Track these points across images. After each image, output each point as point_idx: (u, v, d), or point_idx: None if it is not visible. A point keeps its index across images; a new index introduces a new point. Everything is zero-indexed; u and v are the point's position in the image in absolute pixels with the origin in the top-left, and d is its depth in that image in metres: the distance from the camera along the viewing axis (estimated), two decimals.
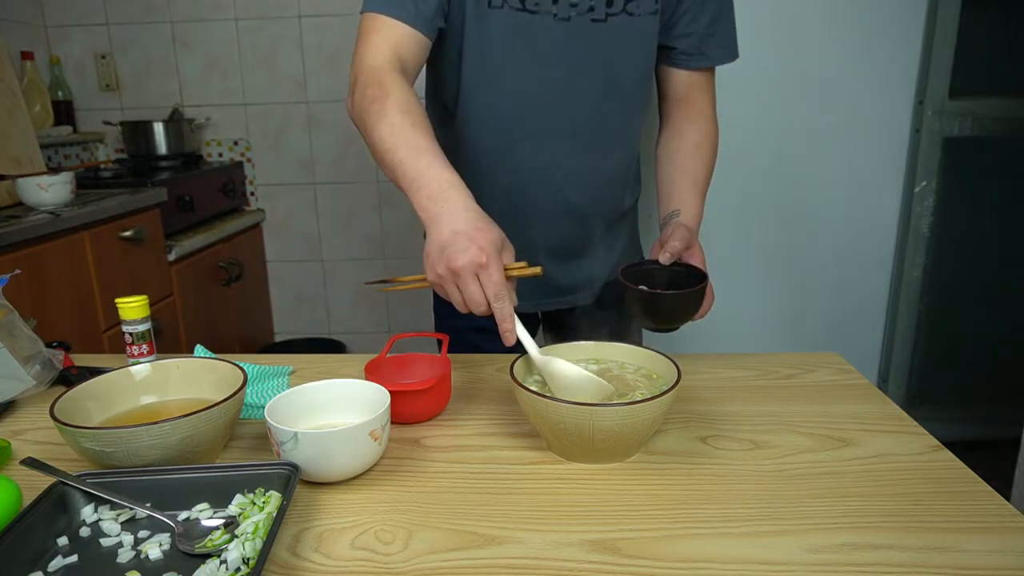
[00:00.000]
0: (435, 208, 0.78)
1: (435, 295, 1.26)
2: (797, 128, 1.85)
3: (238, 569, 0.53)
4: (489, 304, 0.73)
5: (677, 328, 0.95)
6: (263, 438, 0.78)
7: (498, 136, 1.06)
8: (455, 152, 1.11)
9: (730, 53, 1.09)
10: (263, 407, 0.70)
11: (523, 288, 1.14)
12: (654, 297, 0.90)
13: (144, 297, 0.92)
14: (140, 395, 0.78)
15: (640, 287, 0.90)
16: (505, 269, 0.74)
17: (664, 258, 0.94)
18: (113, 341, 1.73)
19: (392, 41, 0.94)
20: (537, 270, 0.77)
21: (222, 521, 0.60)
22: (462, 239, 0.73)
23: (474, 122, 1.06)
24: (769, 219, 1.90)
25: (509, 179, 1.08)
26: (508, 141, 1.06)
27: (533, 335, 1.29)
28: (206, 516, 0.61)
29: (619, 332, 0.97)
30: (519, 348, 0.78)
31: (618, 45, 1.02)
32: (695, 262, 0.97)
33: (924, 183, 1.92)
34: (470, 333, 1.16)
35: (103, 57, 2.45)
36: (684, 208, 1.04)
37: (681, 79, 1.09)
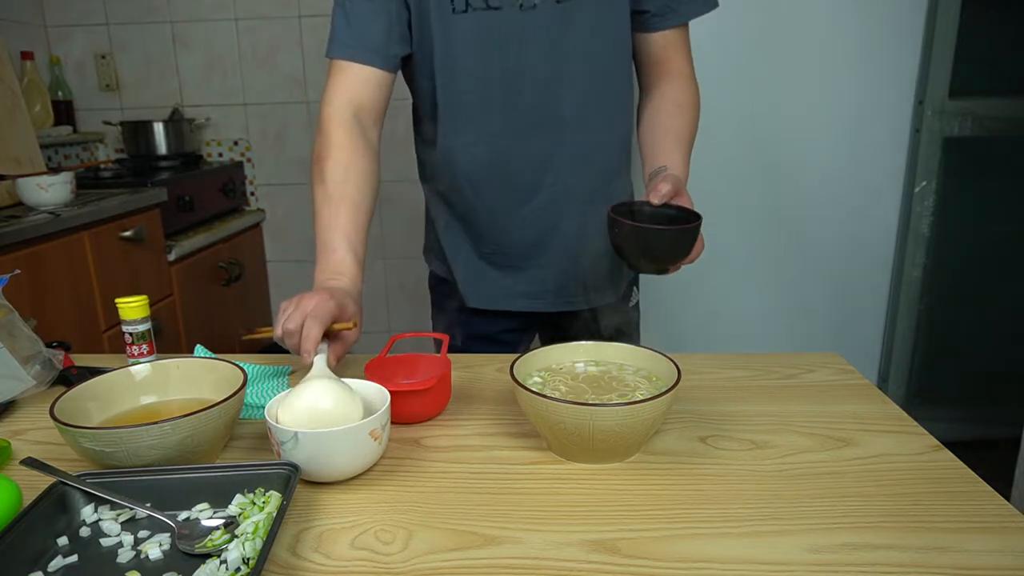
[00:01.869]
0: (315, 282, 0.97)
1: (432, 301, 1.26)
2: (797, 128, 1.85)
3: (238, 569, 0.53)
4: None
5: (667, 271, 0.92)
6: (263, 438, 0.78)
7: (484, 140, 1.06)
8: (445, 160, 1.12)
9: (708, 3, 1.08)
10: (263, 407, 0.70)
11: (522, 287, 1.14)
12: (648, 233, 0.86)
13: (144, 297, 0.92)
14: (140, 395, 0.78)
15: (633, 223, 0.86)
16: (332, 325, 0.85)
17: (655, 197, 0.90)
18: (113, 341, 1.73)
19: (347, 84, 1.02)
20: (348, 325, 0.91)
21: (222, 521, 0.60)
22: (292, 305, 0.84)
23: (459, 132, 1.06)
24: (769, 219, 1.90)
25: (499, 180, 1.08)
26: (494, 144, 1.05)
27: (529, 340, 1.29)
28: (206, 516, 0.61)
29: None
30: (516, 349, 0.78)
31: (590, 21, 1.00)
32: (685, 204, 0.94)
33: (924, 183, 1.92)
34: (467, 341, 1.17)
35: (103, 57, 2.45)
36: (670, 164, 1.01)
37: (656, 42, 1.08)
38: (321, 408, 0.67)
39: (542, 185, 1.08)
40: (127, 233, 1.78)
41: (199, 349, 0.92)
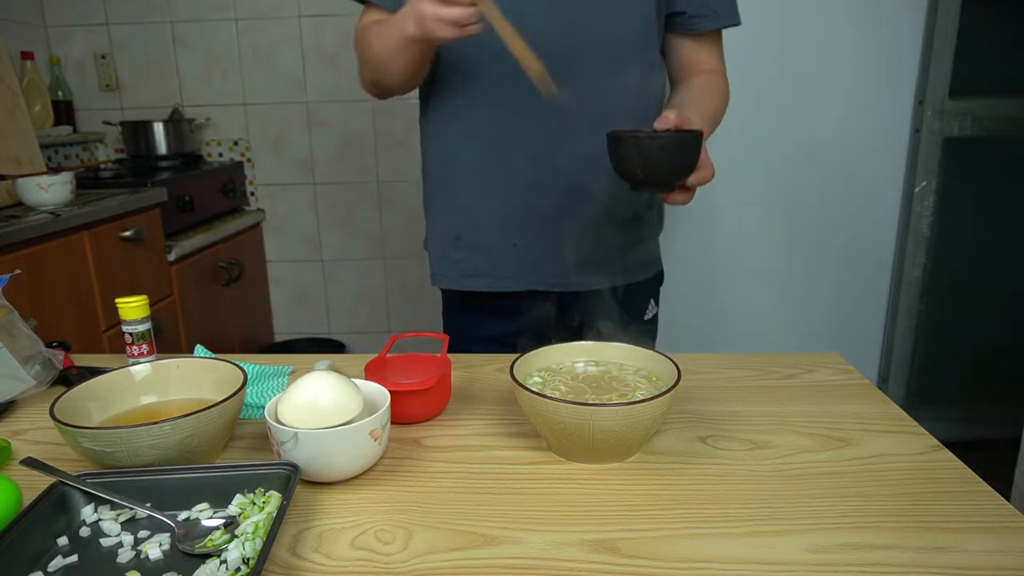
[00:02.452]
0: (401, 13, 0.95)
1: (444, 303, 1.26)
2: (797, 128, 1.85)
3: (238, 569, 0.53)
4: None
5: (670, 186, 0.90)
6: (263, 438, 0.78)
7: (495, 119, 1.07)
8: (460, 140, 1.13)
9: (735, 15, 1.09)
10: (263, 407, 0.70)
11: (542, 266, 1.13)
12: (642, 141, 0.85)
13: (144, 297, 0.92)
14: (140, 395, 0.78)
15: (630, 132, 0.87)
16: None
17: (659, 123, 0.89)
18: (113, 341, 1.73)
19: (372, 20, 1.07)
20: None
21: (222, 521, 0.60)
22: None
23: (473, 107, 1.07)
24: (769, 219, 1.90)
25: (511, 160, 1.09)
26: (503, 122, 1.06)
27: (548, 327, 1.28)
28: (206, 516, 0.61)
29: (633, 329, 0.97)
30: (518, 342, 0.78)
31: (610, 6, 1.01)
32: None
33: (924, 183, 1.92)
34: (478, 343, 1.17)
35: (103, 57, 2.45)
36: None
37: (689, 47, 1.09)
38: (322, 401, 0.67)
39: (556, 153, 1.08)
40: (127, 233, 1.78)
41: (199, 349, 0.92)
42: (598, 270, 1.16)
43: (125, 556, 0.57)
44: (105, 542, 0.58)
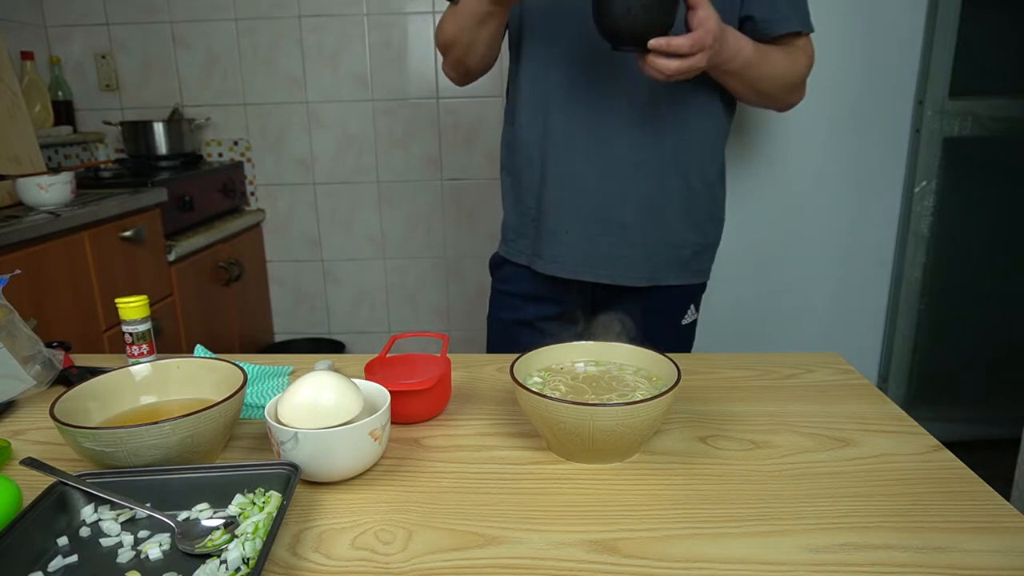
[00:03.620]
0: None
1: (493, 289, 1.29)
2: (797, 128, 1.85)
3: (238, 569, 0.53)
4: None
5: (646, 44, 0.90)
6: (263, 438, 0.78)
7: (552, 98, 1.13)
8: (517, 122, 1.20)
9: (806, 21, 1.12)
10: (263, 407, 0.70)
11: (572, 255, 1.18)
12: None
13: (144, 297, 0.92)
14: (140, 395, 0.78)
15: None
16: None
17: None
18: (113, 341, 1.73)
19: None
20: None
21: (222, 521, 0.60)
22: None
23: (536, 81, 1.15)
24: (769, 218, 1.90)
25: (558, 146, 1.15)
26: (561, 101, 1.12)
27: (577, 319, 1.30)
28: (206, 516, 0.61)
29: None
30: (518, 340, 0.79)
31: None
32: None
33: (924, 183, 1.92)
34: (512, 326, 1.24)
35: (103, 57, 2.45)
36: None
37: None
38: (322, 401, 0.67)
39: (618, 143, 1.12)
40: (127, 233, 1.78)
41: (199, 349, 0.92)
42: (654, 270, 1.19)
43: (125, 556, 0.57)
44: (105, 542, 0.58)
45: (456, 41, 1.15)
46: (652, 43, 0.90)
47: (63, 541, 0.58)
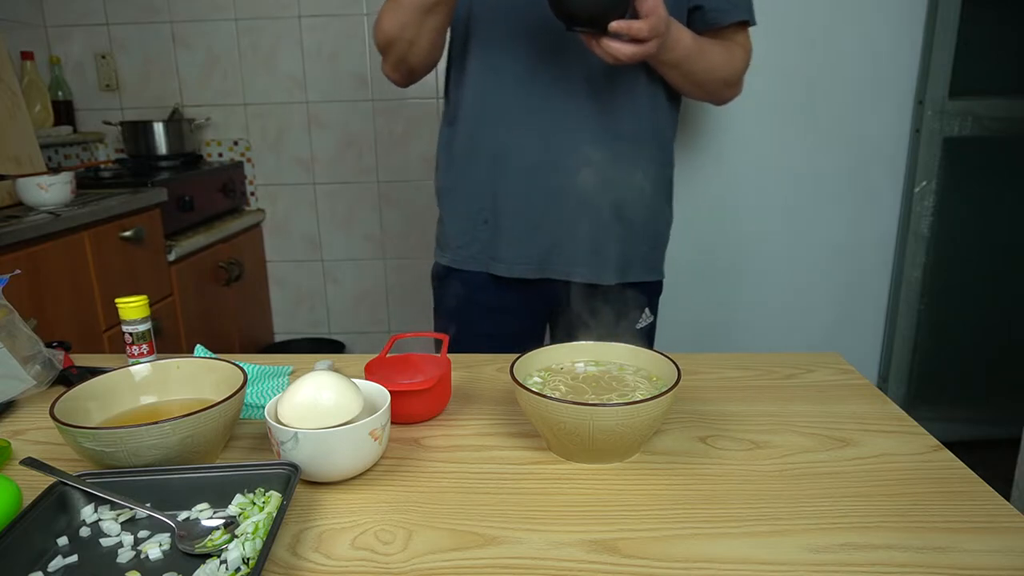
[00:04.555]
0: None
1: (435, 298, 1.26)
2: (797, 128, 1.85)
3: (238, 569, 0.53)
4: None
5: (602, 26, 0.91)
6: (263, 438, 0.78)
7: (506, 87, 1.10)
8: (464, 119, 1.16)
9: (750, 11, 1.13)
10: (263, 407, 0.70)
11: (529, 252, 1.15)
12: None
13: (144, 297, 0.92)
14: (140, 395, 0.78)
15: None
16: None
17: None
18: (113, 341, 1.73)
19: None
20: None
21: (222, 521, 0.60)
22: None
23: (486, 74, 1.12)
24: (769, 219, 1.90)
25: (504, 136, 1.12)
26: (512, 90, 1.10)
27: (541, 325, 1.28)
28: (206, 516, 0.61)
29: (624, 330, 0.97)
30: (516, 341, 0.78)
31: None
32: None
33: (924, 183, 1.92)
34: (468, 340, 1.16)
35: (103, 57, 2.45)
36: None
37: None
38: (322, 401, 0.67)
39: (557, 134, 1.11)
40: (127, 233, 1.78)
41: (199, 349, 0.92)
42: (612, 266, 1.17)
43: (125, 556, 0.57)
44: (105, 542, 0.58)
45: (399, 37, 1.08)
46: (614, 26, 0.91)
47: (63, 541, 0.58)
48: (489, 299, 1.21)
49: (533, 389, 0.70)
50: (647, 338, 1.27)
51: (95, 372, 0.85)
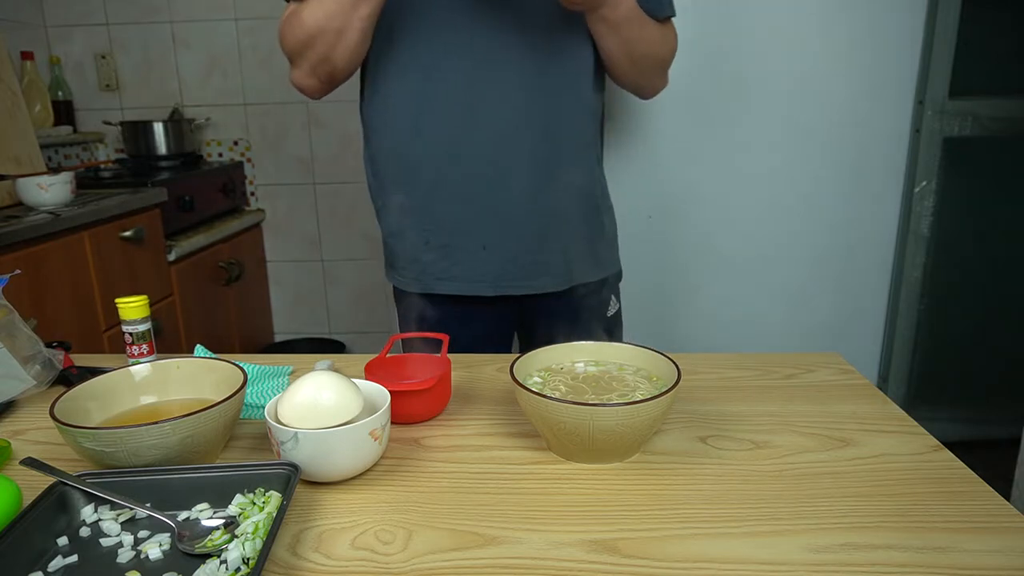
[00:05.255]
0: None
1: (403, 318, 1.21)
2: (797, 127, 1.85)
3: (238, 569, 0.53)
4: None
5: None
6: (263, 438, 0.78)
7: (434, 103, 1.06)
8: (392, 132, 1.11)
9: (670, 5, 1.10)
10: (263, 407, 0.70)
11: (483, 268, 1.11)
12: None
13: (144, 297, 0.92)
14: (140, 395, 0.78)
15: None
16: None
17: None
18: (113, 341, 1.73)
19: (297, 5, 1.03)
20: None
21: (222, 521, 0.60)
22: None
23: (412, 91, 1.06)
24: (769, 219, 1.90)
25: (446, 151, 1.08)
26: (443, 106, 1.06)
27: (509, 337, 1.26)
28: (206, 516, 0.61)
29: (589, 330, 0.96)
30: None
31: (549, 18, 1.03)
32: None
33: (924, 183, 1.92)
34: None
35: (103, 57, 2.45)
36: None
37: None
38: (322, 401, 0.67)
39: (480, 152, 1.07)
40: (127, 233, 1.78)
41: (199, 349, 0.92)
42: (562, 270, 1.15)
43: (125, 556, 0.57)
44: (105, 542, 0.58)
45: (324, 28, 0.98)
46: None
47: (63, 541, 0.58)
48: (445, 315, 1.15)
49: (533, 389, 0.70)
50: (616, 324, 1.26)
51: (95, 372, 0.85)
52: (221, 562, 0.54)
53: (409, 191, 1.11)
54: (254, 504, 0.61)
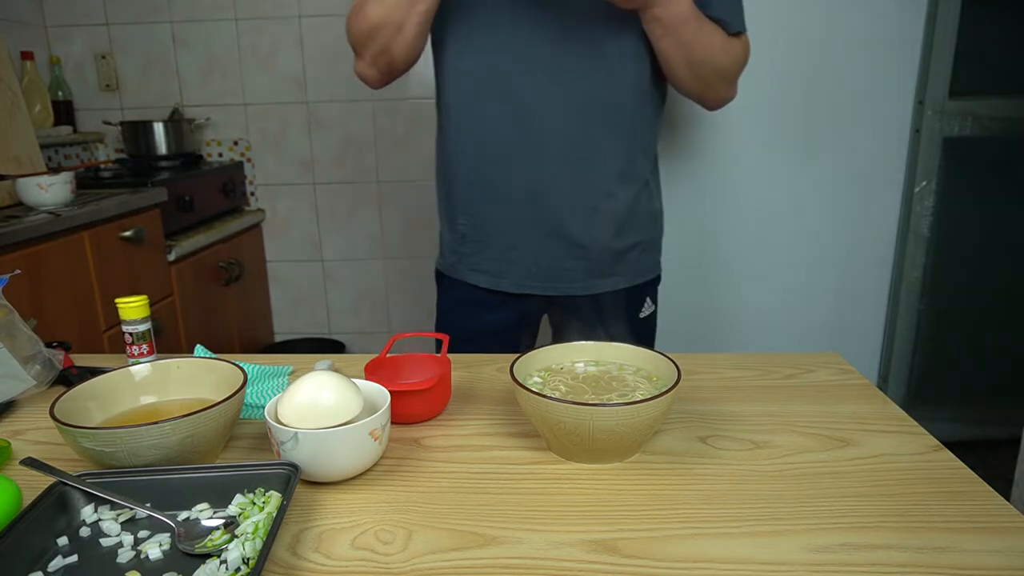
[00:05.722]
0: None
1: (439, 293, 1.26)
2: (797, 128, 1.85)
3: (238, 569, 0.53)
4: None
5: None
6: (263, 438, 0.78)
7: (479, 105, 1.09)
8: (445, 130, 1.16)
9: (739, 22, 1.10)
10: (263, 407, 0.70)
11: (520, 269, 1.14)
12: None
13: (144, 297, 0.92)
14: (140, 395, 0.78)
15: None
16: None
17: None
18: (113, 341, 1.73)
19: None
20: None
21: (222, 521, 0.60)
22: None
23: (462, 96, 1.11)
24: (769, 218, 1.90)
25: (487, 152, 1.11)
26: (489, 110, 1.09)
27: (535, 333, 1.29)
28: (206, 516, 0.61)
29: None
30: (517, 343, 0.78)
31: (601, 23, 1.03)
32: None
33: (924, 183, 1.92)
34: (465, 336, 1.17)
35: (103, 57, 2.45)
36: None
37: None
38: (322, 401, 0.67)
39: (528, 168, 1.09)
40: (127, 233, 1.78)
41: (199, 349, 0.92)
42: (600, 275, 1.16)
43: (125, 556, 0.57)
44: (105, 542, 0.58)
45: (383, 24, 1.04)
46: None
47: (63, 541, 0.58)
48: (483, 298, 1.20)
49: (533, 389, 0.70)
50: (650, 326, 1.27)
51: (95, 372, 0.85)
52: (221, 562, 0.54)
53: (452, 187, 1.18)
54: (254, 504, 0.61)
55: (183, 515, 0.61)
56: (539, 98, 1.07)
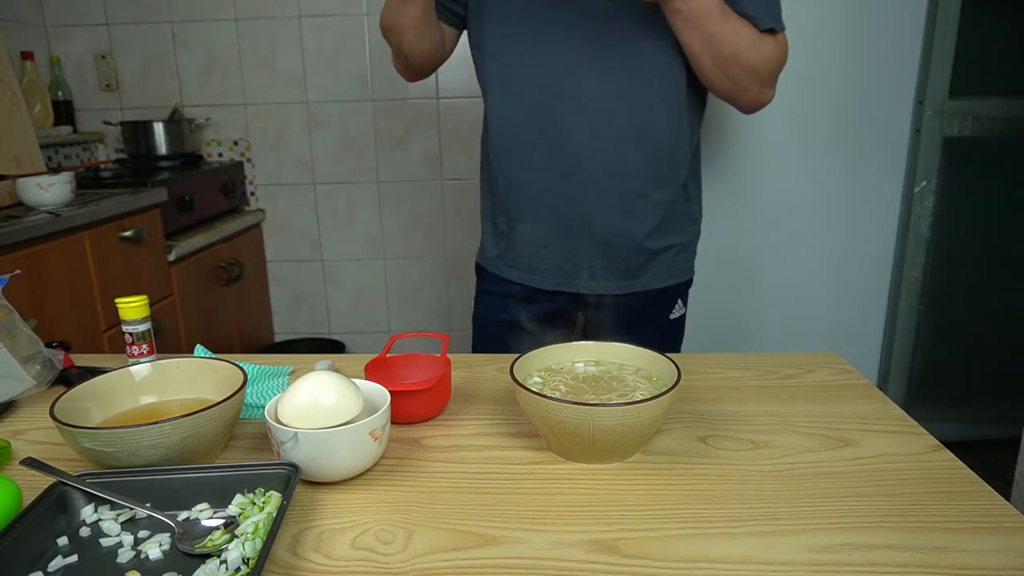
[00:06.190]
0: None
1: (478, 284, 1.28)
2: (797, 127, 1.85)
3: (238, 569, 0.53)
4: None
5: None
6: (263, 438, 0.78)
7: (514, 107, 1.12)
8: (487, 129, 1.19)
9: (776, 19, 1.08)
10: (263, 407, 0.70)
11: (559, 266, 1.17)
12: None
13: (144, 297, 0.92)
14: (140, 395, 0.78)
15: None
16: None
17: None
18: (113, 341, 1.73)
19: None
20: None
21: (222, 521, 0.60)
22: None
23: (499, 98, 1.14)
24: (769, 219, 1.90)
25: (522, 152, 1.13)
26: (523, 112, 1.11)
27: (570, 330, 1.30)
28: (206, 516, 0.61)
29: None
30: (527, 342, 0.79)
31: (633, 26, 1.04)
32: None
33: (924, 183, 1.92)
34: (498, 327, 1.24)
35: (103, 57, 2.45)
36: None
37: None
38: (322, 401, 0.67)
39: (561, 168, 1.12)
40: (127, 233, 1.78)
41: (199, 349, 0.92)
42: (632, 276, 1.17)
43: (125, 556, 0.57)
44: (105, 542, 0.58)
45: (389, 28, 1.14)
46: None
47: (63, 541, 0.58)
48: (518, 292, 1.23)
49: (533, 389, 0.70)
50: (679, 328, 1.29)
51: (95, 372, 0.85)
52: (221, 562, 0.54)
53: (493, 184, 1.21)
54: (254, 504, 0.61)
55: (183, 515, 0.61)
56: (572, 100, 1.08)
